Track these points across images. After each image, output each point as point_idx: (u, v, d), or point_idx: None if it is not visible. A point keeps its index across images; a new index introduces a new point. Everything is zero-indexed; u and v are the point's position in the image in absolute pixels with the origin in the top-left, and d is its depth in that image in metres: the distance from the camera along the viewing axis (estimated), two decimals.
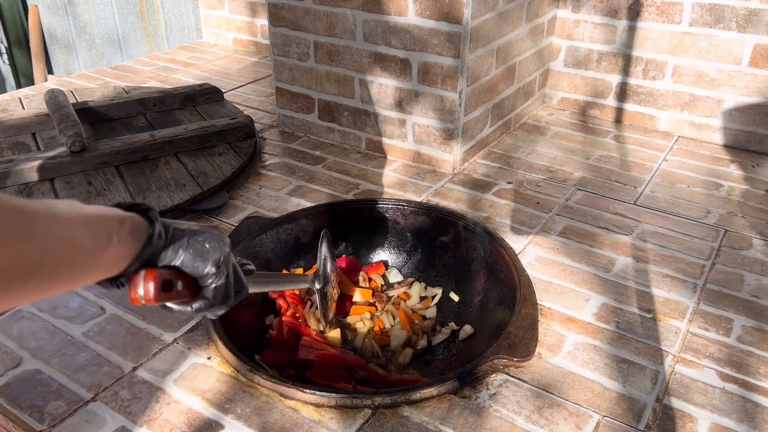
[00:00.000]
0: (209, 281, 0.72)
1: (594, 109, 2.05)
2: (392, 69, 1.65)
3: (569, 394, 1.01)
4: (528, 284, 1.21)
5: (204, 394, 1.00)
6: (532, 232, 1.43)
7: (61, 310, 1.18)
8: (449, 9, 1.49)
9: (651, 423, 0.96)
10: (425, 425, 0.95)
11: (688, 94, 1.87)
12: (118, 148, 1.60)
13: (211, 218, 1.47)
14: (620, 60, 1.93)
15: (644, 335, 1.13)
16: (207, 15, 2.79)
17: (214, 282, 0.72)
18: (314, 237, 1.42)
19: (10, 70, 3.89)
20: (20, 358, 1.07)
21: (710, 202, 1.56)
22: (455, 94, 1.58)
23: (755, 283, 1.27)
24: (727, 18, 1.73)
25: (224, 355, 1.06)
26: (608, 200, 1.57)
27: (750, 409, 0.99)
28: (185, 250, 0.69)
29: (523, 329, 1.09)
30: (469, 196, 1.57)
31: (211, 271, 0.71)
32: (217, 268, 0.71)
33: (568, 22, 1.97)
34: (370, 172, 1.70)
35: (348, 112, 1.80)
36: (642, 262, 1.33)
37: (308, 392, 0.98)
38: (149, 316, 1.17)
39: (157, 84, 2.33)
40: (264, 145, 1.85)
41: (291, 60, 1.83)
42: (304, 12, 1.72)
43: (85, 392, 1.00)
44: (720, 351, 1.10)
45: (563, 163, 1.75)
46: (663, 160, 1.77)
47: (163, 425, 0.95)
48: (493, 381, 1.03)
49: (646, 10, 1.83)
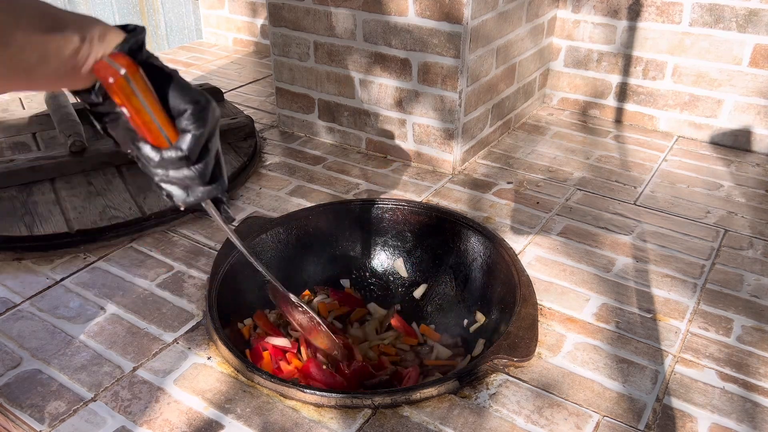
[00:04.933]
0: (186, 124, 0.64)
1: (594, 109, 2.05)
2: (392, 69, 1.65)
3: (569, 394, 1.01)
4: (528, 284, 1.21)
5: (204, 394, 1.00)
6: (532, 232, 1.43)
7: (61, 310, 1.18)
8: (449, 9, 1.49)
9: (651, 423, 0.96)
10: (425, 425, 0.95)
11: (688, 94, 1.87)
12: (119, 149, 1.59)
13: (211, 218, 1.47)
14: (620, 60, 1.93)
15: (644, 335, 1.13)
16: (207, 15, 2.79)
17: (191, 128, 0.64)
18: (314, 237, 1.42)
19: None
20: (20, 358, 1.07)
21: (710, 202, 1.56)
22: (455, 94, 1.58)
23: (755, 283, 1.27)
24: (727, 18, 1.73)
25: (224, 355, 1.06)
26: (608, 200, 1.57)
27: (750, 409, 0.99)
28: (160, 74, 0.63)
29: (523, 329, 1.09)
30: (469, 196, 1.57)
31: (188, 109, 0.63)
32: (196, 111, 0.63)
33: (568, 22, 1.97)
34: (370, 172, 1.70)
35: (348, 112, 1.80)
36: (642, 262, 1.33)
37: (308, 392, 0.98)
38: (149, 316, 1.17)
39: None
40: (264, 145, 1.85)
41: (291, 60, 1.83)
42: (304, 12, 1.72)
43: (85, 392, 1.00)
44: (720, 351, 1.10)
45: (563, 163, 1.75)
46: (663, 160, 1.77)
47: (163, 425, 0.95)
48: (493, 381, 1.03)
49: (646, 10, 1.83)
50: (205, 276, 1.27)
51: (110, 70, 0.60)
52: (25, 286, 1.25)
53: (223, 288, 1.19)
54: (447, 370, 1.18)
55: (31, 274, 1.28)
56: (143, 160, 0.68)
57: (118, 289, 1.24)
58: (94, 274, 1.28)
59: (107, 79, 0.60)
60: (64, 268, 1.30)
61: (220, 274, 1.21)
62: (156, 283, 1.26)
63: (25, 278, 1.27)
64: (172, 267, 1.31)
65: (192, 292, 1.24)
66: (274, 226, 1.37)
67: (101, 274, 1.28)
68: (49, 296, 1.22)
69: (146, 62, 0.64)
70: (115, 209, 1.43)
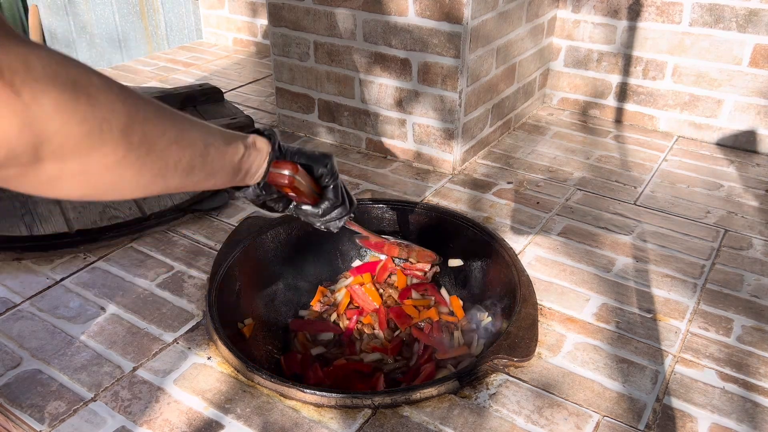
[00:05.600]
0: (327, 180, 0.90)
1: (594, 109, 2.05)
2: (392, 69, 1.65)
3: (569, 394, 1.01)
4: (528, 284, 1.21)
5: (204, 394, 1.00)
6: (532, 232, 1.43)
7: (61, 310, 1.18)
8: (449, 9, 1.49)
9: (651, 423, 0.96)
10: (425, 425, 0.95)
11: (688, 94, 1.87)
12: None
13: (211, 218, 1.47)
14: (620, 60, 1.93)
15: (644, 335, 1.13)
16: (207, 15, 2.79)
17: (330, 181, 0.90)
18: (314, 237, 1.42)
19: None
20: (20, 358, 1.07)
21: (710, 202, 1.56)
22: (455, 94, 1.58)
23: (755, 283, 1.27)
24: (727, 18, 1.72)
25: (224, 355, 1.06)
26: (608, 200, 1.57)
27: (750, 409, 0.99)
28: (303, 152, 0.87)
29: (523, 329, 1.09)
30: (469, 196, 1.57)
31: (324, 171, 0.88)
32: (329, 169, 0.89)
33: (568, 22, 1.97)
34: (370, 172, 1.70)
35: (348, 112, 1.80)
36: (642, 262, 1.33)
37: (308, 392, 0.98)
38: (149, 316, 1.17)
39: (157, 84, 2.33)
40: None
41: (291, 60, 1.83)
42: (304, 12, 1.72)
43: (85, 392, 1.00)
44: (720, 351, 1.10)
45: (563, 163, 1.75)
46: (663, 160, 1.77)
47: (163, 425, 0.95)
48: (493, 381, 1.03)
49: (646, 10, 1.83)
50: (205, 276, 1.27)
51: (283, 177, 0.83)
52: (25, 286, 1.25)
53: (223, 288, 1.19)
54: (458, 361, 1.18)
55: (31, 274, 1.28)
56: (305, 216, 0.94)
57: (118, 289, 1.24)
58: (94, 274, 1.28)
59: (282, 183, 0.83)
60: (64, 268, 1.30)
61: (220, 274, 1.21)
62: (156, 283, 1.26)
63: (25, 278, 1.27)
64: (172, 267, 1.31)
65: (192, 292, 1.24)
66: (274, 226, 1.37)
67: (101, 274, 1.28)
68: (49, 296, 1.22)
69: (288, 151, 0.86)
70: (115, 209, 1.43)
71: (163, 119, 0.56)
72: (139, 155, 0.52)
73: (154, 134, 0.54)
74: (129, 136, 0.51)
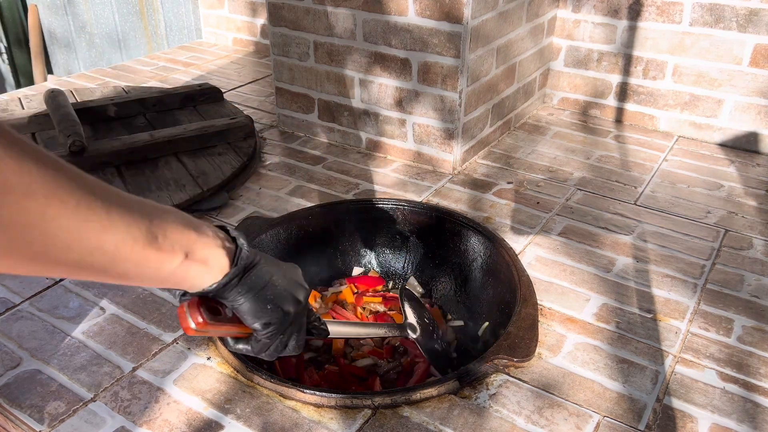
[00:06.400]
0: (258, 335, 0.72)
1: (594, 109, 2.05)
2: (392, 69, 1.65)
3: (569, 394, 1.01)
4: (528, 284, 1.21)
5: (204, 394, 1.00)
6: (532, 232, 1.43)
7: (61, 310, 1.18)
8: (449, 9, 1.49)
9: (651, 423, 0.96)
10: (425, 425, 0.95)
11: (689, 94, 1.86)
12: (118, 148, 1.60)
13: (211, 218, 1.47)
14: (620, 60, 1.93)
15: (644, 335, 1.13)
16: (207, 15, 2.79)
17: (261, 338, 0.73)
18: (314, 237, 1.42)
19: (10, 69, 3.89)
20: (20, 359, 1.07)
21: (710, 202, 1.56)
22: (455, 94, 1.58)
23: (755, 283, 1.27)
24: (728, 18, 1.72)
25: (224, 355, 1.06)
26: (608, 200, 1.56)
27: (750, 409, 0.99)
28: (248, 299, 0.68)
29: (524, 329, 1.09)
30: (469, 196, 1.57)
31: (258, 329, 0.71)
32: (266, 330, 0.71)
33: (569, 22, 1.97)
34: (370, 172, 1.70)
35: (348, 112, 1.80)
36: (642, 262, 1.32)
37: (308, 392, 0.97)
38: (149, 316, 1.17)
39: (156, 84, 2.33)
40: (264, 145, 1.85)
41: (291, 60, 1.83)
42: (304, 12, 1.72)
43: (85, 392, 1.00)
44: (720, 351, 1.10)
45: (563, 163, 1.74)
46: (663, 160, 1.77)
47: (163, 425, 0.95)
48: (493, 381, 1.03)
49: (646, 9, 1.83)
50: None
51: (185, 321, 0.66)
52: (24, 286, 1.24)
53: None
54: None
55: None
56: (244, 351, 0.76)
57: (118, 289, 1.24)
58: None
59: (183, 327, 0.67)
60: None
61: None
62: None
63: (24, 278, 1.26)
64: None
65: None
66: (273, 226, 1.36)
67: None
68: (48, 296, 1.22)
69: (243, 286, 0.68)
70: None
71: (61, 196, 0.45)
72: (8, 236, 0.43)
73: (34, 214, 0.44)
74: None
